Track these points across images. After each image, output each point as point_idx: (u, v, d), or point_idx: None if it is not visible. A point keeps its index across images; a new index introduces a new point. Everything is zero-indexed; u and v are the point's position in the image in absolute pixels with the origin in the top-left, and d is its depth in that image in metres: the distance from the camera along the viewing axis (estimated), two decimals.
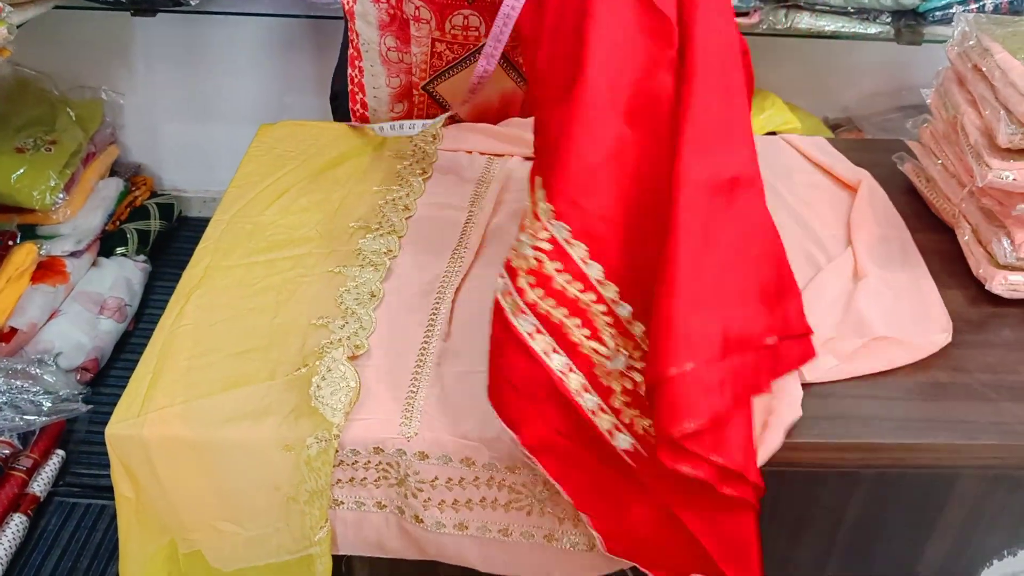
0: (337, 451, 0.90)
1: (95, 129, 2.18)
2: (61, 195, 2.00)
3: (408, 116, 1.43)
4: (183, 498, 0.90)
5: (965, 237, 1.17)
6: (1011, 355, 1.05)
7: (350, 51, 1.40)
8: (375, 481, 0.92)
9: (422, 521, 0.92)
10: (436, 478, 0.91)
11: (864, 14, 1.86)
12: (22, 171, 1.95)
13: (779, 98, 2.03)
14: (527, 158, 1.35)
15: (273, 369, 0.94)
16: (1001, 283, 1.10)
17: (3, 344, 1.83)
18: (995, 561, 1.11)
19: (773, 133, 1.94)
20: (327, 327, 0.99)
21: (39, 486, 1.68)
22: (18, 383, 1.75)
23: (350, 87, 1.42)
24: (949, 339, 1.05)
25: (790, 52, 2.21)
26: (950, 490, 1.03)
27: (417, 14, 1.30)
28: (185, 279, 1.08)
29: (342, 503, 0.93)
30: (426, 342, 1.00)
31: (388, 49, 1.37)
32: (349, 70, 1.41)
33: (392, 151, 1.35)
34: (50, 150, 2.03)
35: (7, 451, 1.66)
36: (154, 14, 1.93)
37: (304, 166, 1.30)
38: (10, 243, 1.91)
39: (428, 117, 1.40)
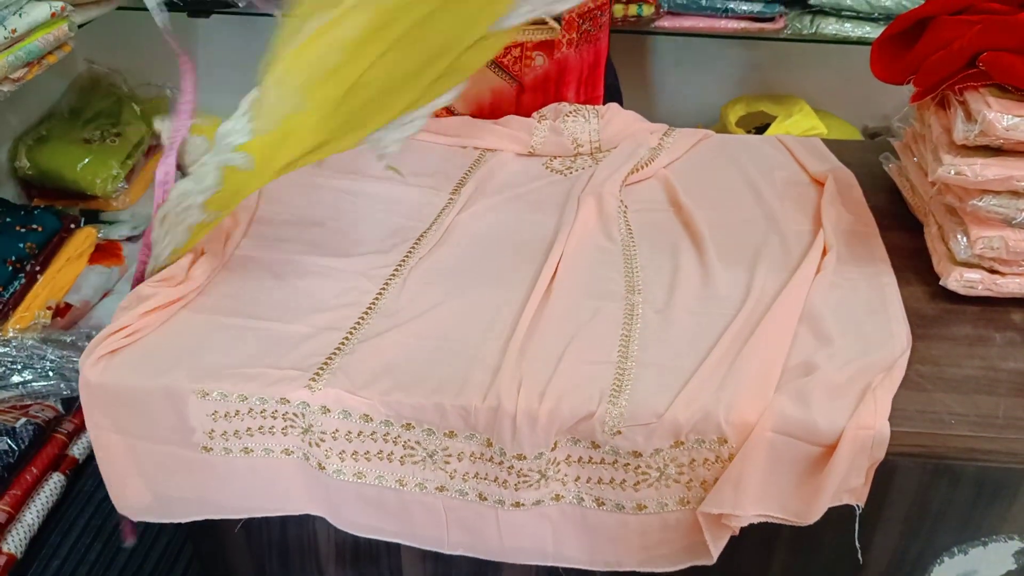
0: (247, 399, 0.98)
1: None
2: (122, 184, 2.15)
3: None
4: None
5: (931, 234, 1.17)
6: (957, 350, 1.05)
7: None
8: (283, 430, 0.99)
9: (324, 468, 0.99)
10: (337, 430, 0.97)
11: (891, 20, 1.85)
12: (87, 160, 2.10)
13: (807, 105, 2.03)
14: (519, 154, 1.41)
15: None
16: (956, 280, 1.10)
17: (58, 319, 1.98)
18: (946, 559, 1.11)
19: None
20: None
21: (78, 449, 1.81)
22: (67, 354, 1.89)
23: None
24: (909, 339, 1.05)
25: (830, 60, 2.21)
26: (890, 480, 1.03)
27: None
28: None
29: (252, 451, 1.00)
30: (364, 316, 1.06)
31: None
32: None
33: None
34: (115, 142, 2.18)
35: (51, 415, 1.79)
36: (208, 15, 2.07)
37: None
38: (72, 226, 2.06)
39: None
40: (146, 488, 1.05)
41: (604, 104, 1.53)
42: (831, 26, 1.87)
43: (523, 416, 0.93)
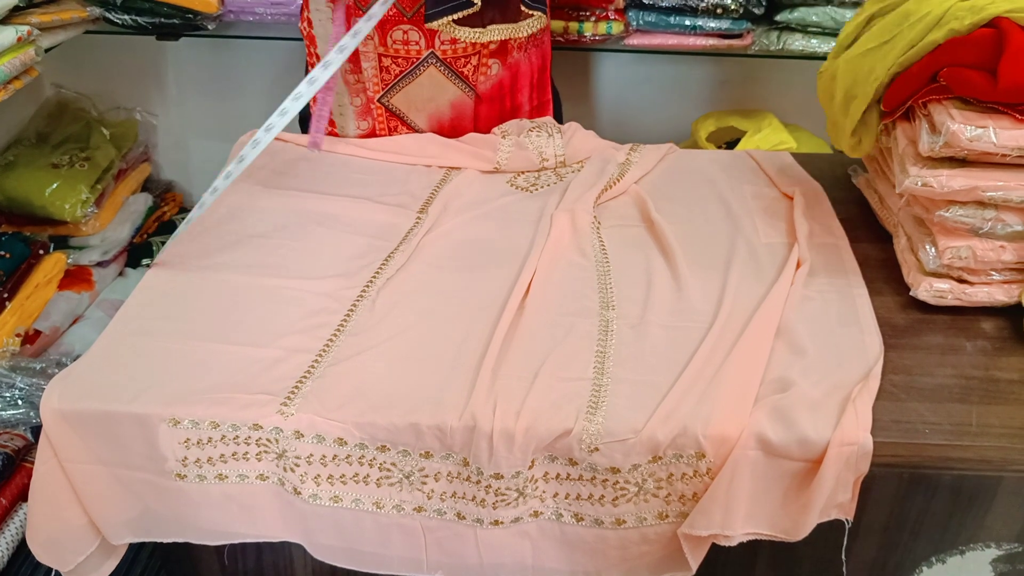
0: (218, 425, 0.96)
1: (128, 147, 2.30)
2: (91, 208, 2.12)
3: (372, 132, 1.48)
4: None
5: (900, 245, 1.18)
6: (929, 358, 1.06)
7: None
8: (256, 455, 0.98)
9: (300, 493, 0.97)
10: (311, 454, 0.96)
11: None
12: (56, 185, 2.08)
13: (776, 119, 2.05)
14: (484, 171, 1.41)
15: None
16: (926, 290, 1.11)
17: (28, 346, 1.95)
18: (924, 568, 1.11)
19: None
20: None
21: None
22: (36, 381, 1.86)
23: (313, 107, 1.49)
24: (881, 348, 1.06)
25: (797, 75, 2.22)
26: (867, 491, 1.03)
27: None
28: None
29: (226, 477, 0.99)
30: (333, 337, 1.05)
31: (345, 71, 1.44)
32: None
33: None
34: (84, 166, 2.16)
35: (20, 444, 1.76)
36: (177, 38, 2.06)
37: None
38: (41, 252, 2.03)
39: (390, 131, 1.46)
40: (132, 511, 1.03)
41: (553, 107, 1.55)
42: (798, 42, 1.88)
43: (499, 435, 0.92)
